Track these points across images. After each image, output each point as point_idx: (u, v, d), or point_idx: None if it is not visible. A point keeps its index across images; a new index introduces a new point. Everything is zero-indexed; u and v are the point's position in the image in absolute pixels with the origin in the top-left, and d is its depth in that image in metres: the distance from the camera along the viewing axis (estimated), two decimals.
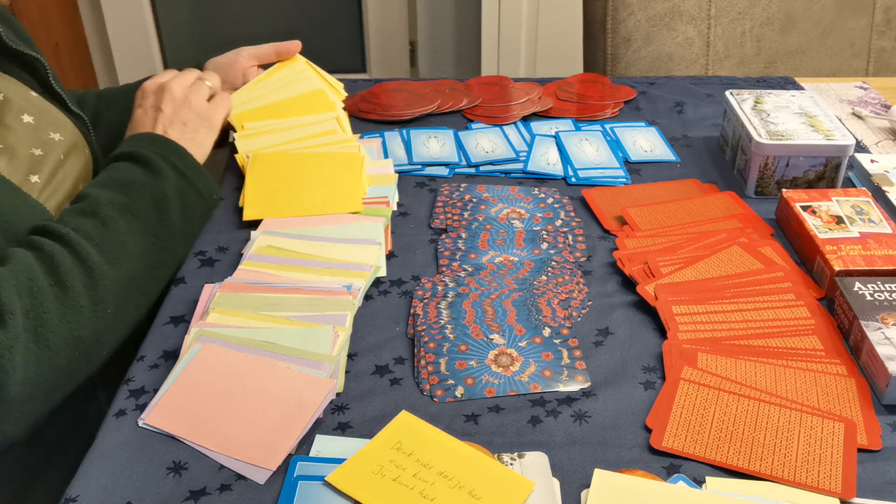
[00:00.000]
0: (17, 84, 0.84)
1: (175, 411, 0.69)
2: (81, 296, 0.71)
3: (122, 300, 0.75)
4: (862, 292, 0.78)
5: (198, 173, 0.89)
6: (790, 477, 0.63)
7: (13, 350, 0.65)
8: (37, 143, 0.79)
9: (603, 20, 1.50)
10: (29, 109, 0.81)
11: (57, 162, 0.81)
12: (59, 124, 0.84)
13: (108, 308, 0.73)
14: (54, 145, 0.81)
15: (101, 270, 0.73)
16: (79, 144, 0.86)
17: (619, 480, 0.62)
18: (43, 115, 0.83)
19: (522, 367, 0.74)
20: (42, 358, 0.67)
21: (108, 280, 0.74)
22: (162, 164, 0.85)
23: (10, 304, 0.67)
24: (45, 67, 0.88)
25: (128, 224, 0.79)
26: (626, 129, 1.16)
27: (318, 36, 2.71)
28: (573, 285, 0.85)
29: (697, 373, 0.72)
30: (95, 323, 0.72)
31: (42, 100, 0.85)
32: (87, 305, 0.72)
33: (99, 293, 0.73)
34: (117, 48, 2.61)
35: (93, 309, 0.72)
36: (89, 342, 0.72)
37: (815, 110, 1.04)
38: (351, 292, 0.81)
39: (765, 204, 0.99)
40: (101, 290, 0.73)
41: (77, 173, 0.85)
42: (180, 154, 0.89)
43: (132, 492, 0.62)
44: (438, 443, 0.65)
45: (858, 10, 1.54)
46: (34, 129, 0.80)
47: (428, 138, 1.12)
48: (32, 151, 0.78)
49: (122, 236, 0.77)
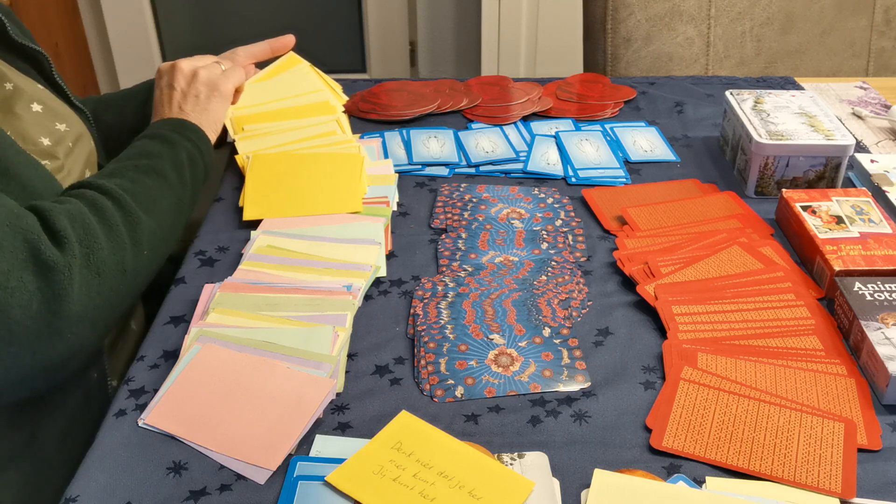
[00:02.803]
0: (25, 78, 0.86)
1: (175, 411, 0.69)
2: (123, 234, 0.77)
3: (154, 245, 0.81)
4: (862, 292, 0.78)
5: (207, 146, 0.96)
6: (790, 477, 0.63)
7: (72, 270, 0.70)
8: (45, 132, 0.83)
9: (603, 20, 1.50)
10: (38, 99, 0.83)
11: (66, 150, 0.85)
12: (64, 116, 0.87)
13: (144, 249, 0.79)
14: (62, 135, 0.85)
15: (138, 216, 0.79)
16: (84, 135, 0.90)
17: (619, 480, 0.62)
18: (49, 106, 0.85)
19: (522, 367, 0.74)
20: (93, 283, 0.72)
21: (143, 225, 0.79)
22: (176, 136, 0.92)
23: (66, 230, 0.72)
24: (48, 61, 0.90)
25: (154, 182, 0.85)
26: (626, 129, 1.16)
27: (318, 36, 2.71)
28: (573, 285, 0.85)
29: (697, 373, 0.72)
30: (135, 260, 0.78)
31: (47, 93, 0.88)
32: (129, 243, 0.77)
33: (137, 234, 0.78)
34: (117, 48, 2.61)
35: (133, 247, 0.78)
36: (131, 276, 0.77)
37: (815, 110, 1.04)
38: (351, 292, 0.81)
39: (765, 204, 0.99)
40: (138, 233, 0.79)
41: (83, 162, 0.89)
42: (193, 130, 0.95)
43: (132, 492, 0.62)
44: (438, 443, 0.65)
45: (858, 10, 1.54)
46: (43, 119, 0.82)
47: (428, 138, 1.12)
48: (42, 140, 0.82)
49: (151, 191, 0.83)
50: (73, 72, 2.48)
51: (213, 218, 0.96)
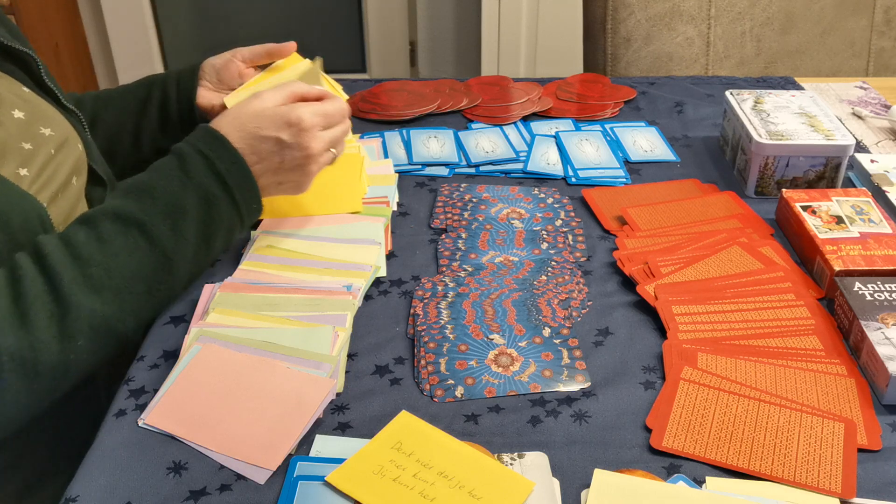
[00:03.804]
0: (9, 80, 0.84)
1: (175, 411, 0.69)
2: (42, 325, 0.67)
3: (98, 332, 0.70)
4: (862, 292, 0.78)
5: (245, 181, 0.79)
6: (790, 477, 0.63)
7: None
8: (27, 137, 0.79)
9: (603, 20, 1.50)
10: (20, 105, 0.81)
11: (47, 156, 0.80)
12: (50, 119, 0.84)
13: (79, 340, 0.68)
14: (45, 140, 0.81)
15: (75, 301, 0.68)
16: (71, 139, 0.85)
17: (619, 480, 0.62)
18: (34, 110, 0.83)
19: (522, 367, 0.74)
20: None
21: (82, 311, 0.68)
22: (196, 164, 0.77)
23: None
24: (37, 63, 0.88)
25: (128, 241, 0.73)
26: (626, 129, 1.16)
27: (318, 36, 2.70)
28: (573, 285, 0.85)
29: (697, 373, 0.72)
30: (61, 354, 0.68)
31: (34, 95, 0.85)
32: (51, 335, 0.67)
33: (66, 324, 0.68)
34: (117, 48, 2.61)
35: (59, 340, 0.67)
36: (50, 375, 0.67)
37: (815, 110, 1.04)
38: (351, 292, 0.81)
39: (765, 204, 0.99)
40: (68, 321, 0.68)
41: (70, 167, 0.84)
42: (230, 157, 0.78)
43: (132, 492, 0.62)
44: (438, 443, 0.65)
45: (858, 10, 1.54)
46: (25, 125, 0.80)
47: (428, 138, 1.12)
48: (22, 146, 0.78)
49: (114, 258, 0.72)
50: (73, 72, 2.48)
51: None
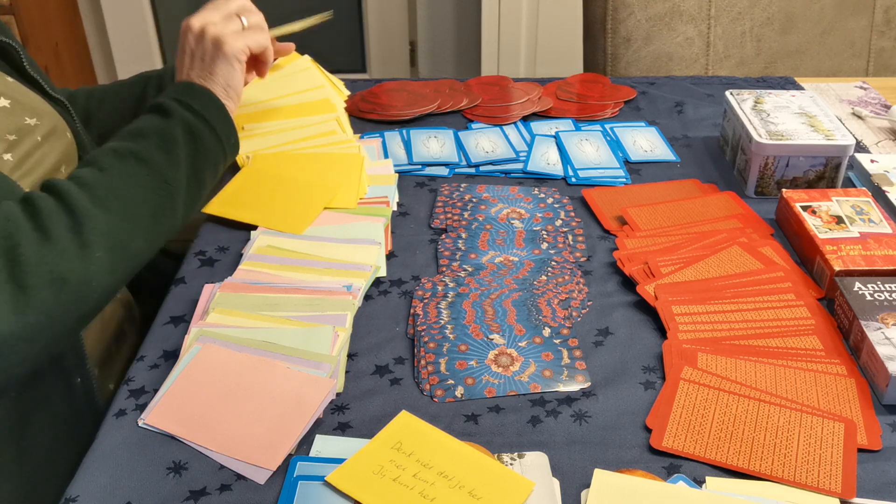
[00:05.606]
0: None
1: (175, 411, 0.69)
2: (62, 238, 0.69)
3: (114, 243, 0.73)
4: (862, 292, 0.78)
5: (218, 112, 0.87)
6: (790, 477, 0.63)
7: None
8: (11, 128, 0.78)
9: (603, 20, 1.50)
10: (5, 94, 0.80)
11: (33, 143, 0.80)
12: (36, 109, 0.82)
13: (97, 251, 0.71)
14: (30, 130, 0.80)
15: (87, 213, 0.71)
16: (59, 128, 0.85)
17: (619, 480, 0.62)
18: (19, 100, 0.81)
19: (522, 367, 0.74)
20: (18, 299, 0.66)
21: (95, 222, 0.71)
22: (175, 106, 0.84)
23: None
24: (18, 53, 0.86)
25: (128, 167, 0.77)
26: (626, 129, 1.16)
27: (318, 36, 2.70)
28: (573, 285, 0.85)
29: (697, 373, 0.72)
30: (83, 265, 0.70)
31: (19, 85, 0.84)
32: (71, 247, 0.70)
33: (84, 236, 0.71)
34: (117, 48, 2.61)
35: (78, 251, 0.70)
36: (77, 284, 0.70)
37: (815, 110, 1.04)
38: (351, 292, 0.81)
39: (765, 204, 0.99)
40: (85, 233, 0.71)
41: (58, 156, 0.83)
42: (199, 94, 0.86)
43: (132, 492, 0.62)
44: (438, 443, 0.65)
45: (858, 10, 1.54)
46: (9, 114, 0.79)
47: (428, 138, 1.12)
48: (6, 136, 0.77)
49: (117, 180, 0.76)
50: (73, 71, 2.48)
51: (213, 217, 0.96)
